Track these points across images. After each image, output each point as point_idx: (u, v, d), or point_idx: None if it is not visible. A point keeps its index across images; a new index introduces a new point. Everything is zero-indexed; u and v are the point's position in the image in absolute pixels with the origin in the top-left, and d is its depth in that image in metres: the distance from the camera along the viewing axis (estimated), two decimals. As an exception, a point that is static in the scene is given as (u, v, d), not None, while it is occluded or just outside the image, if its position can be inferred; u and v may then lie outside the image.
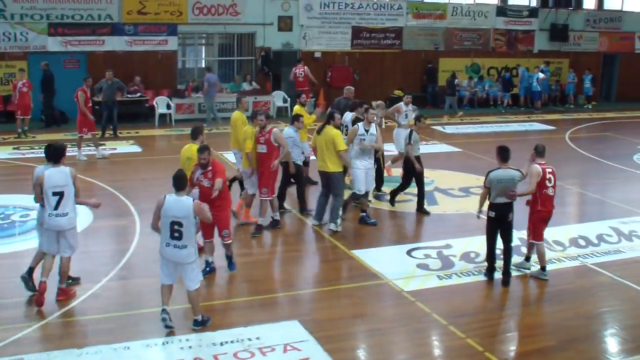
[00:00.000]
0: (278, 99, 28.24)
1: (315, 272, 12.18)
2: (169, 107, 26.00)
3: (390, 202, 15.50)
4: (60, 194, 10.03)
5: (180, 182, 9.32)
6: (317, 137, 13.66)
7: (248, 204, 14.09)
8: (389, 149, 17.96)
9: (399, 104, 18.00)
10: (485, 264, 11.72)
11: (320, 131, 13.63)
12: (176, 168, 9.74)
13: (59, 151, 10.27)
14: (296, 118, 14.62)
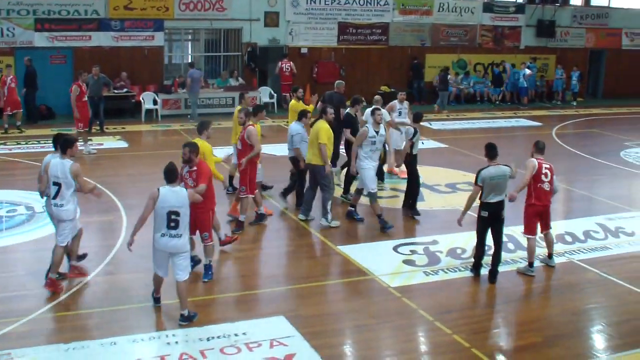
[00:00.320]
0: (264, 94, 28.17)
1: (302, 268, 12.13)
2: (155, 102, 25.90)
3: (412, 213, 14.75)
4: (59, 185, 10.23)
5: (172, 174, 9.42)
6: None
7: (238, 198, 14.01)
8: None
9: (393, 102, 17.99)
10: (472, 260, 11.77)
11: (312, 125, 13.73)
12: (163, 163, 9.70)
13: (68, 143, 10.42)
14: (304, 114, 14.32)
